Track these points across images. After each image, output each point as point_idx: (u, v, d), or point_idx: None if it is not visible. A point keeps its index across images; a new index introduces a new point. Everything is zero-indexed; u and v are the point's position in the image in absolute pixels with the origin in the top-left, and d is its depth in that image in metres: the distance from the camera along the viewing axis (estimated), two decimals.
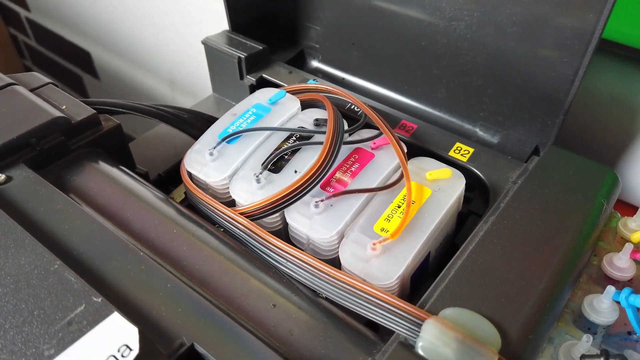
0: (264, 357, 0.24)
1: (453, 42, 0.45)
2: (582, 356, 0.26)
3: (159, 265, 0.27)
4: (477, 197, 0.39)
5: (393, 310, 0.26)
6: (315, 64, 0.56)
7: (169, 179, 0.43)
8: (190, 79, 0.98)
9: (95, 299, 0.24)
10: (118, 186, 0.34)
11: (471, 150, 0.40)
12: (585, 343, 0.26)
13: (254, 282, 0.29)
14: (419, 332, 0.24)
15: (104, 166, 0.36)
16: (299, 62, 0.56)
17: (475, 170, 0.39)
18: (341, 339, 0.26)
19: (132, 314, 0.24)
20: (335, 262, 0.33)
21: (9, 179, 0.32)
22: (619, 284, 0.32)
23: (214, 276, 0.28)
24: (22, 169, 0.32)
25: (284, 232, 0.37)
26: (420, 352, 0.23)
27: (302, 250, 0.35)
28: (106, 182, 0.34)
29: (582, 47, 0.38)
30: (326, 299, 0.29)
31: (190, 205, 0.38)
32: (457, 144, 0.41)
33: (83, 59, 1.28)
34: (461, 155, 0.40)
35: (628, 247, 0.31)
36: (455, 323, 0.24)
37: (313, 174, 0.34)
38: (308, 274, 0.29)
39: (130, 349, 0.22)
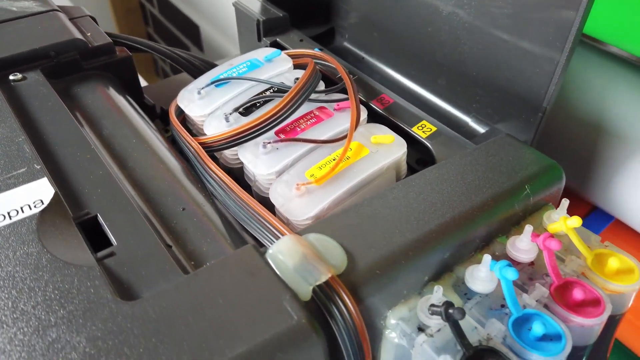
0: (149, 241, 0.28)
1: (454, 30, 0.47)
2: (431, 305, 0.28)
3: (102, 159, 0.33)
4: None
5: (263, 223, 0.29)
6: (342, 42, 0.60)
7: None
8: None
9: (36, 166, 0.30)
10: (109, 102, 0.41)
11: (434, 129, 0.42)
12: (435, 293, 0.28)
13: (177, 188, 0.33)
14: None
15: (106, 87, 0.42)
16: (328, 39, 0.60)
17: (429, 146, 0.41)
18: (226, 243, 0.30)
19: (59, 183, 0.30)
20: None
21: (24, 78, 0.39)
22: (520, 266, 0.32)
23: (148, 178, 0.34)
24: (37, 74, 0.40)
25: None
26: (267, 257, 0.27)
27: (250, 187, 0.39)
28: (101, 97, 0.41)
29: (562, 43, 0.38)
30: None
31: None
32: (423, 122, 0.43)
33: (193, 32, 1.41)
34: (423, 131, 0.42)
35: (528, 229, 0.31)
36: (310, 243, 0.27)
37: (266, 119, 0.38)
38: (221, 190, 0.33)
39: (42, 203, 0.28)
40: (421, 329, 0.29)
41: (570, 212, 0.34)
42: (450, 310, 0.27)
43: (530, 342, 0.28)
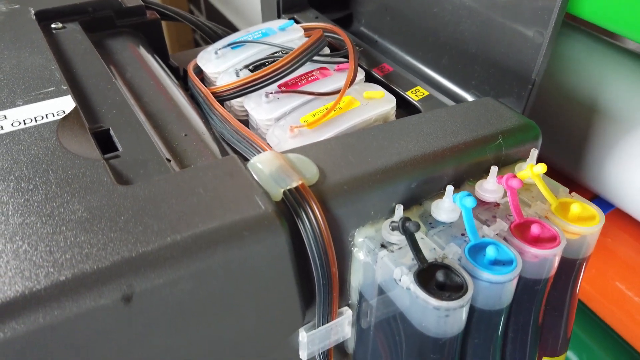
0: (151, 152, 0.32)
1: (456, 10, 0.50)
2: (391, 221, 0.31)
3: (120, 89, 0.38)
4: None
5: (251, 144, 0.33)
6: (358, 26, 0.64)
7: None
8: None
9: (63, 87, 0.35)
10: (135, 54, 0.46)
11: (426, 93, 0.45)
12: (397, 211, 0.31)
13: (183, 120, 0.38)
14: None
15: (135, 43, 0.48)
16: (346, 24, 0.64)
17: (420, 108, 0.44)
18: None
19: (80, 101, 0.35)
20: None
21: (63, 27, 0.45)
22: (486, 206, 0.35)
23: (158, 110, 0.38)
24: (75, 25, 0.45)
25: None
26: (248, 166, 0.30)
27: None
28: (129, 49, 0.46)
29: (548, 17, 0.41)
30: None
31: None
32: (417, 87, 0.46)
33: None
34: (416, 95, 0.45)
35: (494, 170, 0.34)
36: (288, 159, 0.31)
37: (270, 72, 0.42)
38: (219, 121, 0.37)
39: (64, 113, 0.33)
40: (384, 246, 0.32)
41: None
42: (407, 224, 0.29)
43: (484, 265, 0.30)
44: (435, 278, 0.29)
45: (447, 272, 0.29)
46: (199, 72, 0.49)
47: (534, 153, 0.36)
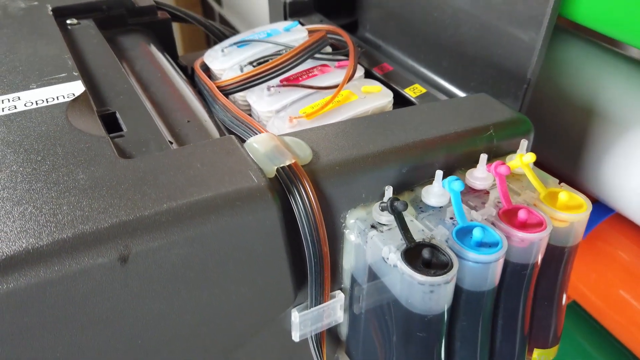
0: (154, 134, 0.34)
1: (455, 13, 0.52)
2: (380, 202, 0.32)
3: (127, 78, 0.40)
4: None
5: (249, 128, 0.35)
6: (363, 32, 0.66)
7: None
8: None
9: (74, 73, 0.37)
10: (145, 50, 0.48)
11: (424, 90, 0.46)
12: (386, 191, 0.32)
13: (187, 108, 0.39)
14: None
15: (146, 41, 0.50)
16: (352, 29, 0.66)
17: (416, 104, 0.45)
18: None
19: (89, 87, 0.37)
20: None
21: (78, 23, 0.47)
22: (477, 193, 0.36)
23: (164, 99, 0.40)
24: (90, 22, 0.48)
25: None
26: (245, 145, 0.32)
27: None
28: (139, 46, 0.48)
29: (542, 19, 0.42)
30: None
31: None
32: (415, 85, 0.47)
33: None
34: (413, 92, 0.46)
35: (483, 158, 0.35)
36: (283, 141, 0.32)
37: (271, 67, 0.44)
38: (221, 110, 0.39)
39: (74, 96, 0.35)
40: (374, 226, 0.33)
41: None
42: (395, 203, 0.31)
43: (470, 246, 0.31)
44: (422, 256, 0.30)
45: (433, 250, 0.30)
46: (206, 69, 0.51)
47: (524, 144, 0.37)
